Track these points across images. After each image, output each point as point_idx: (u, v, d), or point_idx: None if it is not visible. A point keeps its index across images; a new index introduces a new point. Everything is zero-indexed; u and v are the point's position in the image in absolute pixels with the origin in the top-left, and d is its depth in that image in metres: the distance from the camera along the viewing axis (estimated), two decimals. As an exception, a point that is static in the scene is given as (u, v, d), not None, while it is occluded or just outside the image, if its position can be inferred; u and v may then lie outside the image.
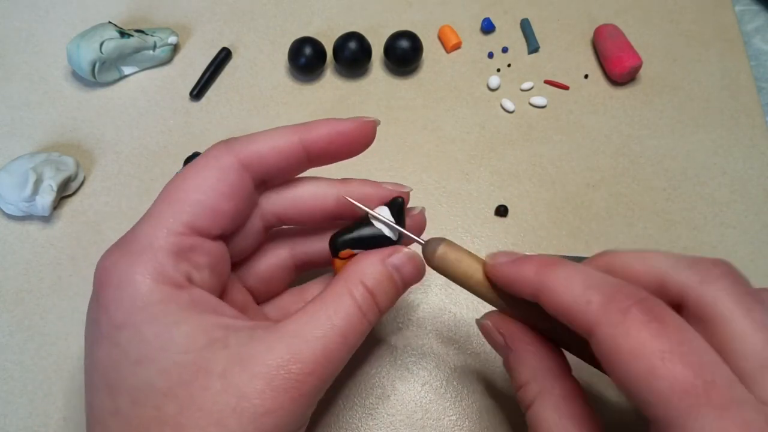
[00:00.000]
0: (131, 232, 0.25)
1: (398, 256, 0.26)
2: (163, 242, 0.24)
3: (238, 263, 0.30)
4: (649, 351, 0.20)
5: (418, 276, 0.27)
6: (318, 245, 0.31)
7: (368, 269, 0.26)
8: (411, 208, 0.31)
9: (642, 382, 0.20)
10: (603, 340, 0.21)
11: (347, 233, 0.27)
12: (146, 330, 0.23)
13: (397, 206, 0.28)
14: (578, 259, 0.37)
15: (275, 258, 0.31)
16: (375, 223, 0.27)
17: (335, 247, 0.27)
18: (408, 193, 0.29)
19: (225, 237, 0.27)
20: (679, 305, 0.23)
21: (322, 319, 0.24)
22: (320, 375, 0.23)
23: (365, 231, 0.27)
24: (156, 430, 0.22)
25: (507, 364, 0.27)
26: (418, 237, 0.28)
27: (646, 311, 0.21)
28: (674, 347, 0.20)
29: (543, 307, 0.24)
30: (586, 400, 0.25)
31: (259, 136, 0.27)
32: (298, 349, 0.23)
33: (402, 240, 0.28)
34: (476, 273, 0.27)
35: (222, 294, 0.28)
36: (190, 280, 0.24)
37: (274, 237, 0.32)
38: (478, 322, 0.28)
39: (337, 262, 0.28)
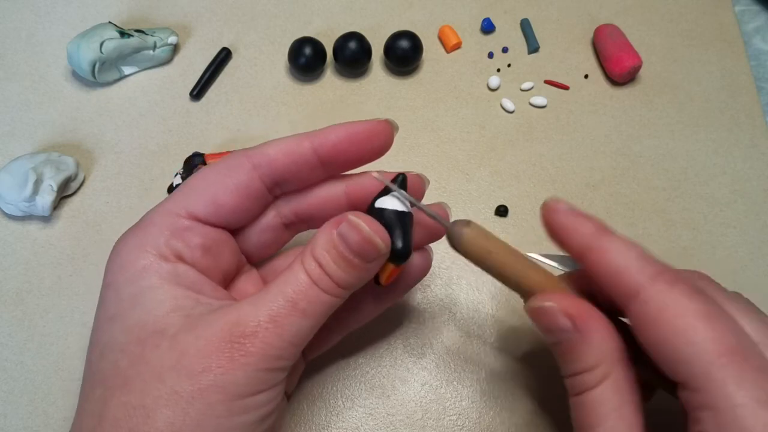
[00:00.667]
0: (144, 215, 0.28)
1: (344, 225, 0.25)
2: (161, 220, 0.27)
3: (261, 258, 0.31)
4: (693, 311, 0.22)
5: (367, 246, 0.25)
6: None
7: (318, 239, 0.26)
8: (434, 204, 0.30)
9: (683, 339, 0.22)
10: (649, 300, 0.23)
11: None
12: (123, 290, 0.25)
13: (398, 183, 0.27)
14: (563, 259, 0.37)
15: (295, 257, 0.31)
16: (389, 200, 0.27)
17: None
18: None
19: (231, 228, 0.29)
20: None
21: (274, 288, 0.25)
22: (265, 338, 0.23)
23: (372, 209, 0.27)
24: (110, 382, 0.24)
25: (565, 347, 0.25)
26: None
27: (690, 286, 0.23)
28: (715, 314, 0.22)
29: (586, 266, 0.25)
30: (639, 387, 0.25)
31: (273, 141, 0.28)
32: (244, 314, 0.24)
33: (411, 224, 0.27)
34: (507, 255, 0.26)
35: (227, 280, 0.29)
36: (180, 257, 0.26)
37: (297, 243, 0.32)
38: (535, 306, 0.26)
39: None
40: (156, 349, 0.24)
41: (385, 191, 0.27)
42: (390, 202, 0.27)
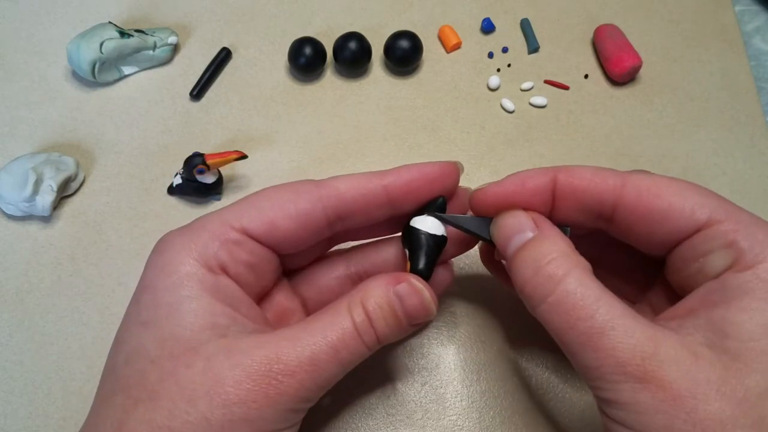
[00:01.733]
0: (198, 217, 0.27)
1: (404, 285, 0.26)
2: (213, 228, 0.26)
3: (294, 271, 0.31)
4: (675, 186, 0.26)
5: (422, 312, 0.26)
6: (375, 257, 0.31)
7: (372, 291, 0.26)
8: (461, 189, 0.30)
9: (673, 213, 0.25)
10: (635, 187, 0.25)
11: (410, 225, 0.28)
12: (163, 296, 0.25)
13: (437, 205, 0.28)
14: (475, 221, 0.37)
15: (331, 270, 0.32)
16: (427, 220, 0.28)
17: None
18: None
19: (280, 252, 0.28)
20: None
21: (317, 329, 0.24)
22: (302, 380, 0.23)
23: (408, 229, 0.28)
24: (134, 392, 0.23)
25: (528, 245, 0.25)
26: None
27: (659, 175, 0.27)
28: (691, 187, 0.26)
29: (559, 194, 0.26)
30: None
31: (344, 176, 0.28)
32: (285, 352, 0.24)
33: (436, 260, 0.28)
34: None
35: (263, 295, 0.29)
36: (224, 270, 0.26)
37: (333, 253, 0.32)
38: (503, 215, 0.27)
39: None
40: (189, 369, 0.23)
41: (426, 208, 0.28)
42: (427, 223, 0.27)
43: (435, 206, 0.28)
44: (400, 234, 0.30)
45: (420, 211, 0.28)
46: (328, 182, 0.28)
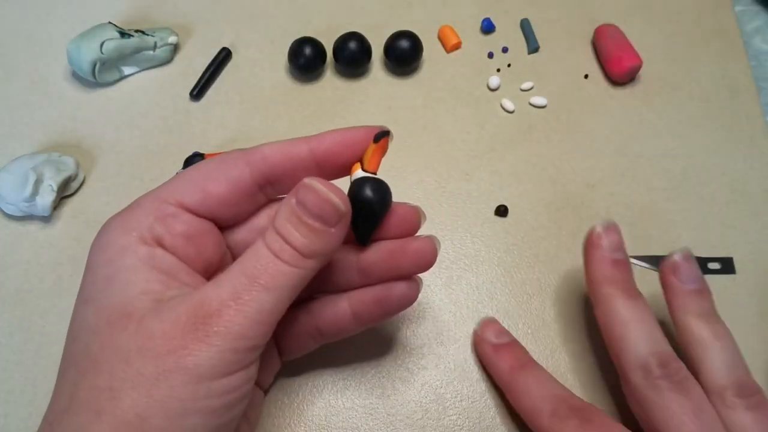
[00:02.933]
0: (135, 200, 0.28)
1: (299, 188, 0.25)
2: (147, 205, 0.27)
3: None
4: None
5: (326, 205, 0.25)
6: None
7: (278, 211, 0.25)
8: (403, 204, 0.30)
9: None
10: None
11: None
12: (99, 272, 0.25)
13: (378, 137, 0.28)
14: (653, 258, 0.39)
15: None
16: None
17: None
18: (412, 210, 0.29)
19: (218, 221, 0.28)
20: None
21: (234, 266, 0.25)
22: (228, 316, 0.23)
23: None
24: (81, 364, 0.24)
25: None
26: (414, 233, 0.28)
27: (579, 418, 0.30)
28: None
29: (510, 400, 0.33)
30: None
31: (271, 142, 0.28)
32: (207, 295, 0.24)
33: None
34: None
35: (209, 271, 0.28)
36: (161, 243, 0.26)
37: None
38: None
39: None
40: (123, 332, 0.24)
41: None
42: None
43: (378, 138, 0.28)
44: None
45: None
46: (255, 148, 0.28)
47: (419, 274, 0.30)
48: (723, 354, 0.30)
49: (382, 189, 0.27)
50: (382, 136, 0.28)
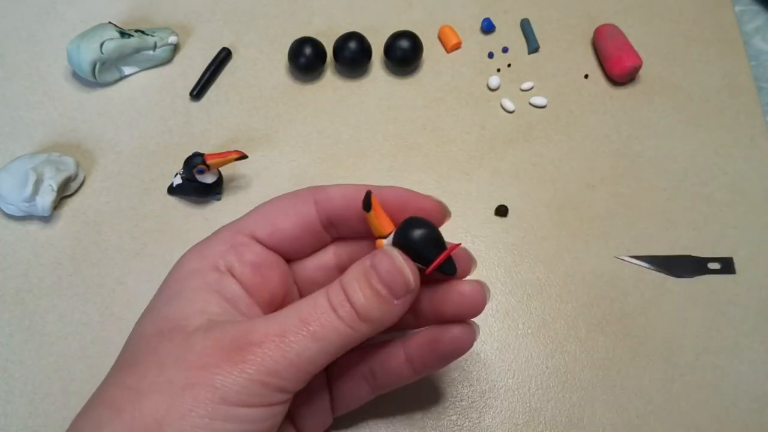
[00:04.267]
0: (216, 231, 0.30)
1: (376, 253, 0.26)
2: (224, 235, 0.29)
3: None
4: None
5: (398, 277, 0.25)
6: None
7: (349, 270, 0.26)
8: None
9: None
10: None
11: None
12: (169, 288, 0.27)
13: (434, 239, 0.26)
14: (653, 258, 0.39)
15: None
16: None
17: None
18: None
19: (286, 254, 0.30)
20: None
21: (292, 307, 0.25)
22: (267, 350, 0.23)
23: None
24: (124, 364, 0.26)
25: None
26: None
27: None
28: None
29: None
30: None
31: (338, 184, 0.30)
32: (257, 326, 0.24)
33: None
34: None
35: (273, 304, 0.29)
36: (231, 271, 0.28)
37: None
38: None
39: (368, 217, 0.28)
40: (168, 342, 0.25)
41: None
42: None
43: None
44: None
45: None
46: (324, 187, 0.29)
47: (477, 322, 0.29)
48: None
49: (423, 228, 0.26)
50: (366, 202, 0.27)
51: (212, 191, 0.40)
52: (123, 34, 0.44)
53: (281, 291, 0.30)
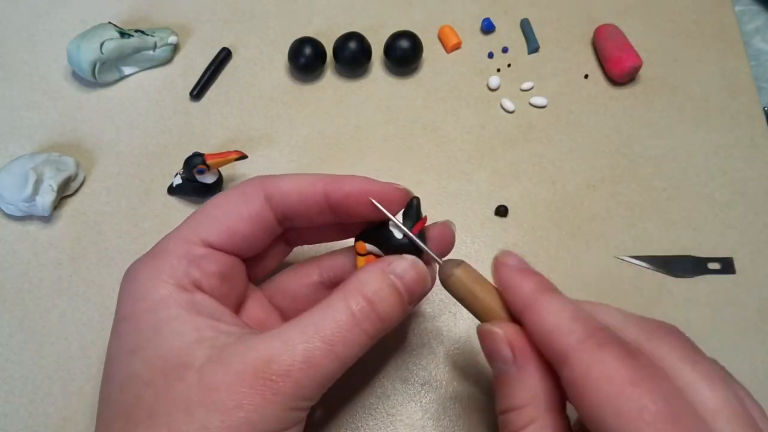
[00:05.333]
0: (159, 241, 0.28)
1: (399, 263, 0.26)
2: (177, 249, 0.26)
3: (263, 280, 0.32)
4: (621, 376, 0.21)
5: (422, 284, 0.26)
6: (346, 263, 0.31)
7: (368, 279, 0.26)
8: (435, 223, 0.30)
9: (610, 406, 0.21)
10: (576, 365, 0.22)
11: (366, 231, 0.28)
12: (143, 322, 0.25)
13: (413, 208, 0.28)
14: (653, 258, 0.38)
15: (304, 278, 0.32)
16: (393, 229, 0.27)
17: (355, 240, 0.28)
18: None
19: (243, 256, 0.29)
20: None
21: (309, 326, 0.24)
22: (298, 378, 0.23)
23: (382, 231, 0.28)
24: (134, 415, 0.23)
25: (502, 380, 0.25)
26: (439, 255, 0.28)
27: (622, 347, 0.22)
28: (645, 377, 0.21)
29: (524, 325, 0.25)
30: None
31: (289, 176, 0.28)
32: (277, 352, 0.23)
33: (423, 253, 0.28)
34: (489, 301, 0.26)
35: (238, 306, 0.29)
36: (198, 286, 0.26)
37: (305, 261, 0.32)
38: (485, 328, 0.26)
39: (359, 260, 0.28)
40: (182, 382, 0.23)
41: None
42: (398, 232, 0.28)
43: (412, 208, 0.28)
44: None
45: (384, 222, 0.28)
46: (274, 181, 0.28)
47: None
48: None
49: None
50: (359, 250, 0.28)
51: (212, 191, 0.40)
52: (123, 34, 0.44)
53: (244, 293, 0.29)
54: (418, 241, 0.27)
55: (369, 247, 0.28)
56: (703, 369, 0.23)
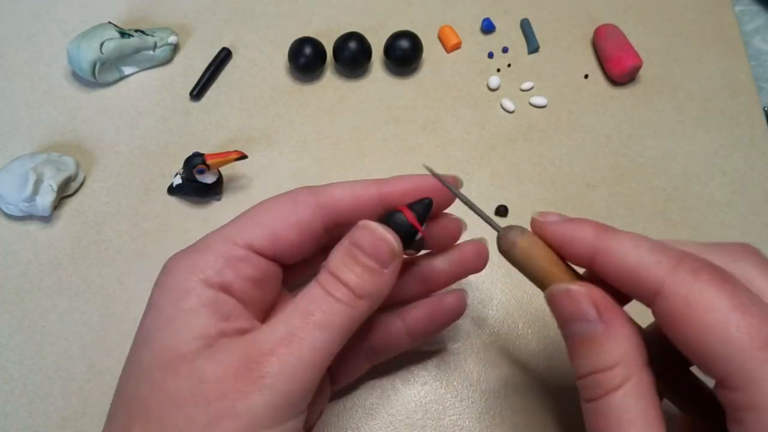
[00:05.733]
0: (201, 238, 0.27)
1: (355, 230, 0.26)
2: (218, 247, 0.26)
3: (298, 285, 0.31)
4: (725, 304, 0.20)
5: (382, 246, 0.25)
6: None
7: (332, 254, 0.25)
8: (446, 215, 0.30)
9: (717, 335, 0.20)
10: (673, 296, 0.21)
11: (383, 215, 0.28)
12: (163, 312, 0.25)
13: (423, 206, 0.27)
14: None
15: None
16: (398, 213, 0.27)
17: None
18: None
19: (284, 263, 0.28)
20: None
21: (288, 306, 0.24)
22: (282, 356, 0.23)
23: (392, 215, 0.27)
24: (132, 408, 0.24)
25: (585, 341, 0.23)
26: (440, 246, 0.28)
27: (717, 273, 0.21)
28: (746, 302, 0.20)
29: (598, 271, 0.24)
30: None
31: (340, 183, 0.28)
32: (261, 336, 0.23)
33: (421, 245, 0.27)
34: (556, 264, 0.25)
35: (268, 312, 0.29)
36: (229, 286, 0.26)
37: None
38: (560, 289, 0.24)
39: None
40: (175, 375, 0.23)
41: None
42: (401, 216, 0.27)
43: (422, 207, 0.27)
44: None
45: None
46: (325, 189, 0.28)
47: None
48: None
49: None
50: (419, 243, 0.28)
51: (212, 191, 0.40)
52: (123, 34, 0.44)
53: (276, 296, 0.29)
54: (476, 206, 0.27)
55: None
56: None
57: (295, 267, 0.29)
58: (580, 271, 0.26)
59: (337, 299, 0.24)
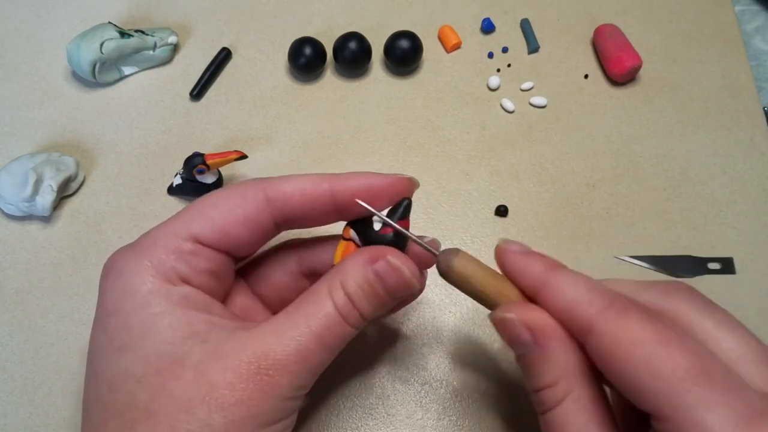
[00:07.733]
0: (144, 234, 0.27)
1: (382, 264, 0.26)
2: (165, 243, 0.26)
3: (247, 272, 0.31)
4: (649, 339, 0.21)
5: (403, 287, 0.26)
6: (324, 254, 0.31)
7: (350, 272, 0.26)
8: (422, 237, 0.30)
9: (642, 368, 0.21)
10: (602, 333, 0.22)
11: (356, 219, 0.28)
12: (132, 317, 0.24)
13: (402, 207, 0.27)
14: (653, 258, 0.38)
15: (284, 267, 0.31)
16: (376, 222, 0.27)
17: (346, 225, 0.28)
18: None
19: (232, 254, 0.28)
20: None
21: (300, 320, 0.25)
22: (293, 371, 0.24)
23: (366, 222, 0.27)
24: (128, 415, 0.23)
25: (527, 361, 0.25)
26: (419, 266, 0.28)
27: (643, 312, 0.22)
28: (671, 336, 0.21)
29: (541, 305, 0.25)
30: (610, 406, 0.24)
31: (291, 177, 0.28)
32: (271, 347, 0.24)
33: (407, 246, 0.28)
34: (494, 286, 0.26)
35: (225, 297, 0.29)
36: (186, 281, 0.26)
37: (283, 248, 0.32)
38: (497, 316, 0.25)
39: (340, 244, 0.28)
40: (179, 380, 0.23)
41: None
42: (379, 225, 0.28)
43: (401, 208, 0.28)
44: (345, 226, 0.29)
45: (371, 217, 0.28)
46: (276, 184, 0.27)
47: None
48: None
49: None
50: (344, 235, 0.28)
51: (212, 191, 0.40)
52: (123, 34, 0.44)
53: (232, 283, 0.29)
54: (411, 235, 0.27)
55: (352, 233, 0.28)
56: (720, 319, 0.23)
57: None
58: None
59: (350, 325, 0.25)
